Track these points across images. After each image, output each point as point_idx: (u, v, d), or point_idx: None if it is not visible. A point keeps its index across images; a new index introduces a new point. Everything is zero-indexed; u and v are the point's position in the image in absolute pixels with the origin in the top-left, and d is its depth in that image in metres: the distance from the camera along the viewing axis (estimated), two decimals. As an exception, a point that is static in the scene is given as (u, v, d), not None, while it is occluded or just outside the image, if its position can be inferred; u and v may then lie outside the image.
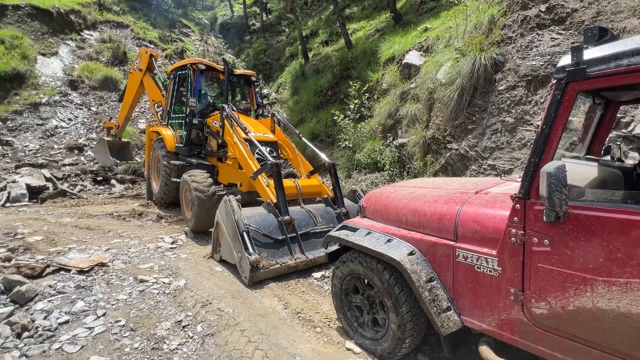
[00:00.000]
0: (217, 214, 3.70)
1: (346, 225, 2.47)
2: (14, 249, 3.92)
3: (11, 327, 2.24)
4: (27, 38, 13.05)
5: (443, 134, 5.66)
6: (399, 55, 8.65)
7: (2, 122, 10.52)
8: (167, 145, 6.11)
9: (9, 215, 5.83)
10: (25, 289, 2.68)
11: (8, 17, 13.41)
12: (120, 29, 18.43)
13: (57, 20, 15.19)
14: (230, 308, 2.75)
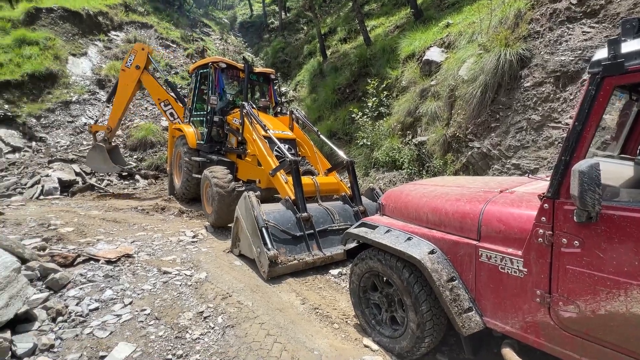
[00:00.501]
0: (237, 210, 3.78)
1: (365, 223, 2.47)
2: (48, 239, 4.15)
3: (47, 311, 2.38)
4: (59, 39, 13.70)
5: (464, 132, 5.52)
6: (419, 51, 8.50)
7: (37, 119, 11.11)
8: (189, 142, 6.27)
9: (43, 207, 6.17)
10: (59, 276, 2.83)
11: (42, 19, 14.12)
12: (145, 29, 19.01)
13: (86, 22, 15.86)
14: (250, 301, 2.81)
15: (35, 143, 10.70)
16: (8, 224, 4.67)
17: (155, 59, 16.81)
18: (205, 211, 5.24)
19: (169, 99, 7.63)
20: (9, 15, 13.36)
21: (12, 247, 3.11)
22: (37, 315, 2.27)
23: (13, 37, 12.06)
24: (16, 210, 5.78)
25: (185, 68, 17.31)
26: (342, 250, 3.68)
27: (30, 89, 11.41)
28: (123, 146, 11.29)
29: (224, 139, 6.19)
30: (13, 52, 11.66)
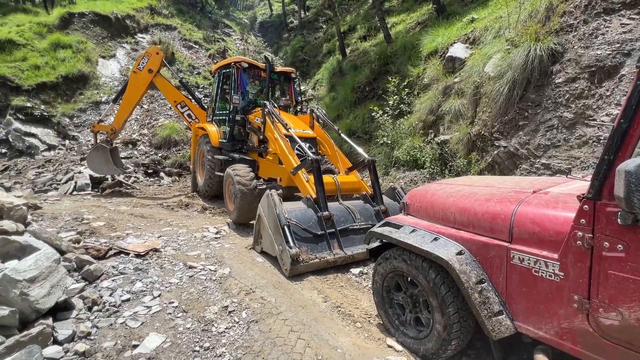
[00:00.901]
0: (259, 207, 3.83)
1: (389, 222, 2.44)
2: (82, 232, 4.37)
3: (83, 300, 2.51)
4: (90, 42, 14.36)
5: (490, 130, 5.35)
6: (442, 48, 8.30)
7: (70, 119, 11.71)
8: (212, 141, 6.42)
9: (76, 202, 6.50)
10: (93, 268, 2.98)
11: (75, 24, 14.85)
12: (169, 31, 19.60)
13: (115, 25, 16.53)
14: (273, 297, 2.85)
15: (69, 141, 11.28)
16: (46, 217, 4.95)
17: (178, 60, 17.31)
18: (227, 208, 5.35)
19: (184, 101, 7.69)
20: (45, 21, 14.13)
21: (50, 239, 3.30)
22: (74, 304, 2.40)
23: (49, 41, 12.75)
24: (52, 204, 6.12)
25: (207, 68, 17.73)
26: (364, 249, 3.69)
27: (64, 90, 12.03)
28: (149, 144, 11.72)
29: (246, 137, 6.29)
30: (49, 55, 12.33)
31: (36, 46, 12.48)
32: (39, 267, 2.17)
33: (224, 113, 6.67)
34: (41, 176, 8.60)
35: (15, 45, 12.00)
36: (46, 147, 10.69)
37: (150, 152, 11.41)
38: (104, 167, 7.34)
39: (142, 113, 13.22)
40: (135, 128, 12.44)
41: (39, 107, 11.17)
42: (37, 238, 3.24)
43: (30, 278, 2.07)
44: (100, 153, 7.33)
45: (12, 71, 11.13)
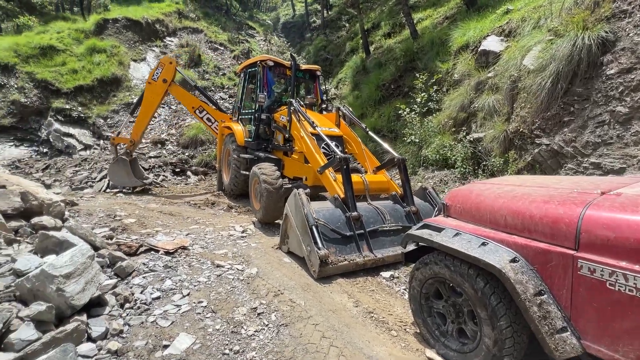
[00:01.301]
0: (286, 207, 3.76)
1: (428, 224, 2.27)
2: (115, 229, 4.48)
3: (116, 297, 2.52)
4: (123, 47, 14.99)
5: (530, 127, 4.99)
6: (474, 42, 7.91)
7: (104, 119, 12.26)
8: (237, 140, 6.43)
9: (109, 200, 6.73)
10: (125, 264, 3.01)
11: (109, 29, 15.55)
12: (196, 34, 20.13)
13: (145, 29, 17.18)
14: (302, 300, 2.75)
15: (102, 141, 11.81)
16: (82, 213, 5.14)
17: (204, 62, 17.72)
18: (253, 207, 5.31)
19: (202, 105, 7.71)
20: (82, 27, 14.90)
21: (86, 235, 3.38)
22: (107, 301, 2.41)
23: (85, 46, 13.42)
24: (88, 201, 6.37)
25: (232, 69, 18.05)
26: (395, 252, 3.51)
27: (99, 92, 12.62)
28: (176, 144, 12.05)
29: (271, 136, 6.26)
30: (85, 59, 12.98)
31: (74, 51, 13.17)
32: (74, 263, 2.18)
33: (249, 112, 6.67)
34: (78, 174, 9.04)
35: (56, 50, 12.71)
36: (82, 147, 11.24)
37: (177, 152, 11.72)
38: (126, 179, 7.42)
39: (170, 113, 13.64)
40: (163, 128, 12.83)
41: (77, 109, 11.78)
42: (73, 234, 3.32)
43: (66, 274, 2.08)
44: (121, 166, 7.45)
45: (53, 75, 11.80)
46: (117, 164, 7.52)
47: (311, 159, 4.54)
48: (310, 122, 4.75)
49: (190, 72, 15.76)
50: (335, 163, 3.98)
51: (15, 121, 10.89)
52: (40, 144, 11.08)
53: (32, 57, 12.11)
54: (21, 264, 2.45)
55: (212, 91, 15.68)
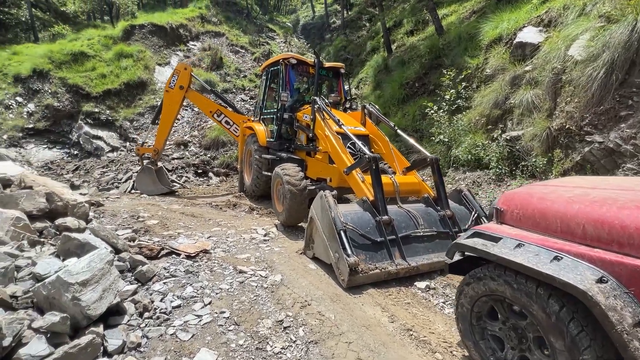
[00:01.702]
0: (312, 210, 3.53)
1: (481, 233, 1.97)
2: (137, 230, 4.42)
3: (135, 305, 2.38)
4: (148, 51, 15.39)
5: (579, 123, 4.52)
6: (508, 34, 7.41)
7: (130, 122, 12.59)
8: (259, 140, 6.29)
9: (134, 201, 6.78)
10: (146, 269, 2.89)
11: (135, 35, 16.03)
12: (217, 37, 20.45)
13: (170, 34, 17.60)
14: (331, 313, 2.51)
15: (129, 143, 12.11)
16: (106, 214, 5.14)
17: (226, 64, 17.92)
18: (275, 209, 5.13)
19: (219, 109, 7.69)
20: (111, 34, 15.45)
21: (108, 237, 3.29)
22: (126, 309, 2.27)
23: (114, 51, 13.87)
24: (113, 202, 6.43)
25: (253, 71, 18.18)
26: (429, 260, 3.20)
27: (126, 95, 12.98)
28: (199, 145, 12.16)
29: (293, 136, 6.08)
30: (113, 64, 13.40)
31: (103, 57, 13.64)
32: (91, 269, 2.05)
33: (271, 112, 6.53)
34: (105, 175, 9.26)
35: (86, 56, 13.20)
36: (110, 149, 11.57)
37: (200, 153, 11.82)
38: (153, 188, 7.48)
39: (193, 115, 13.82)
40: (186, 130, 13.01)
41: (105, 112, 12.15)
42: (96, 235, 3.25)
43: (83, 281, 1.95)
44: (147, 175, 7.60)
45: (84, 80, 12.24)
46: (143, 173, 7.68)
47: (337, 158, 4.30)
48: (336, 120, 4.51)
49: (212, 74, 15.96)
50: (364, 163, 3.72)
51: (49, 125, 11.35)
52: (71, 146, 11.50)
53: (65, 63, 12.62)
54: (41, 267, 2.36)
55: (234, 93, 15.80)
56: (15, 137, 10.62)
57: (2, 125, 10.74)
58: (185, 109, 13.81)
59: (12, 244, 2.73)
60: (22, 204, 3.29)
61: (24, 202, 3.30)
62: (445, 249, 3.39)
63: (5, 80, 11.80)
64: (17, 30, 19.60)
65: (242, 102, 15.30)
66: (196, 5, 22.73)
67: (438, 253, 3.32)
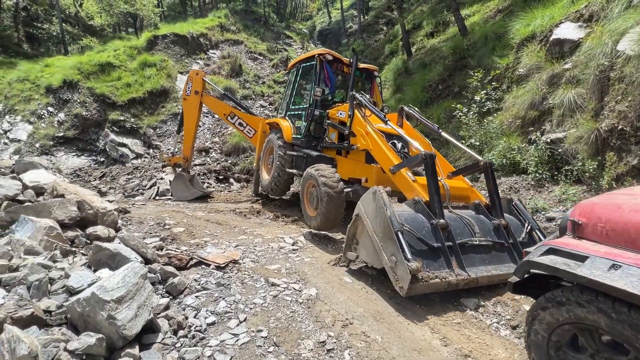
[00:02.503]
0: (359, 207, 3.23)
1: (558, 249, 1.71)
2: (164, 239, 4.35)
3: (169, 321, 2.25)
4: (170, 60, 15.76)
5: (634, 123, 4.13)
6: (542, 31, 7.03)
7: (153, 129, 12.84)
8: (285, 136, 6.11)
9: (158, 207, 6.80)
10: (177, 281, 2.77)
11: (158, 44, 16.46)
12: (236, 45, 20.77)
13: (190, 43, 18.01)
14: (377, 334, 2.29)
15: (152, 150, 12.34)
16: (133, 222, 5.13)
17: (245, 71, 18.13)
18: (306, 214, 4.82)
19: (233, 111, 7.69)
20: (136, 44, 15.94)
21: (137, 247, 3.21)
22: (160, 326, 2.14)
23: (138, 61, 14.27)
24: (139, 209, 6.46)
25: (271, 78, 18.30)
26: (488, 273, 2.91)
27: (149, 103, 13.28)
28: (220, 152, 12.24)
29: (323, 134, 5.90)
30: (138, 74, 13.77)
31: (128, 67, 14.05)
32: (126, 284, 1.93)
33: (299, 108, 6.34)
34: (130, 182, 9.41)
35: (112, 67, 13.63)
36: (134, 156, 11.81)
37: (221, 159, 11.89)
38: (187, 194, 7.66)
39: (214, 122, 13.97)
40: (207, 137, 13.15)
41: (130, 120, 12.45)
42: (126, 245, 3.18)
43: (118, 298, 1.83)
44: (180, 182, 7.77)
45: (110, 89, 12.62)
46: (176, 181, 7.89)
47: (380, 156, 4.06)
48: (382, 117, 4.31)
49: (232, 82, 16.16)
50: (417, 161, 3.48)
51: (77, 133, 11.73)
52: (97, 153, 11.83)
53: (93, 74, 13.07)
54: (74, 280, 2.28)
55: (253, 99, 15.92)
56: (46, 146, 11.02)
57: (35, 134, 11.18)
58: (205, 116, 13.98)
59: (45, 254, 2.68)
60: (54, 213, 3.26)
61: (56, 211, 3.28)
62: (501, 261, 3.11)
63: (38, 91, 12.32)
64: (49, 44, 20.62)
65: (262, 109, 15.37)
66: (215, 14, 23.26)
67: (495, 265, 3.03)
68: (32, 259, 2.58)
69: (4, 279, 2.24)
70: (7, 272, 2.35)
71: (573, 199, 4.66)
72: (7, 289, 2.19)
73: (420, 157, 3.36)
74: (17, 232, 2.94)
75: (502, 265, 3.02)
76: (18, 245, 2.73)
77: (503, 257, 3.11)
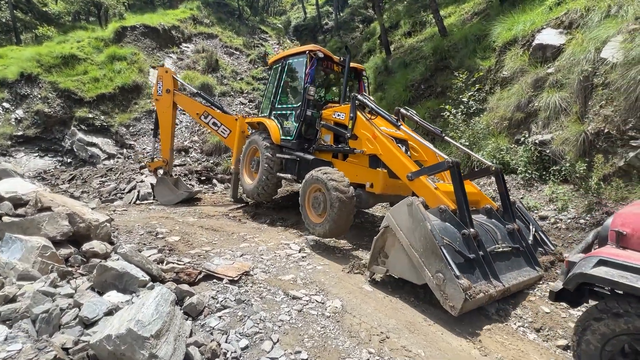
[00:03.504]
0: (390, 219, 3.07)
1: (610, 261, 1.75)
2: (162, 250, 4.06)
3: (199, 348, 2.07)
4: (142, 54, 14.80)
5: (620, 127, 4.42)
6: (524, 36, 7.35)
7: (126, 128, 12.01)
8: (273, 137, 5.72)
9: (143, 213, 6.36)
10: (196, 301, 2.57)
11: (127, 37, 15.41)
12: (210, 39, 19.95)
13: (162, 36, 17.02)
14: (418, 348, 2.26)
15: (126, 150, 11.55)
16: (121, 231, 4.74)
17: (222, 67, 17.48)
18: (309, 220, 4.56)
19: (207, 110, 7.29)
20: (102, 35, 14.78)
21: (142, 263, 2.96)
22: (192, 356, 1.95)
23: (106, 54, 13.25)
24: (121, 215, 6.00)
25: (249, 74, 17.78)
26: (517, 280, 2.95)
27: (121, 100, 12.39)
28: (200, 151, 11.72)
29: (315, 135, 5.59)
30: (106, 67, 12.79)
31: (95, 60, 13.01)
32: (161, 314, 1.74)
33: (287, 107, 5.97)
34: (105, 185, 8.74)
35: (77, 59, 12.55)
36: (106, 156, 10.99)
37: (202, 159, 11.38)
38: (173, 196, 7.32)
39: (191, 120, 13.32)
40: (186, 135, 12.54)
41: (99, 118, 11.55)
42: (129, 262, 2.91)
43: (157, 332, 1.64)
44: (164, 186, 7.45)
45: (76, 84, 11.61)
46: (159, 185, 7.55)
47: (395, 163, 3.91)
48: (394, 121, 4.22)
49: (209, 77, 15.50)
50: (443, 169, 3.41)
51: (40, 131, 10.70)
52: (64, 154, 10.87)
53: (55, 67, 11.96)
54: (88, 309, 2.03)
55: (232, 96, 15.39)
56: (3, 146, 9.95)
57: (-11, 133, 10.06)
58: (182, 113, 13.27)
59: (43, 279, 2.38)
60: (44, 229, 2.91)
61: (46, 227, 2.93)
62: (520, 266, 3.17)
63: (-11, 85, 11.07)
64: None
65: (242, 106, 14.90)
66: (187, 6, 22.15)
67: (517, 271, 3.08)
68: (29, 285, 2.28)
69: (2, 313, 1.95)
70: (3, 304, 2.05)
71: (563, 198, 4.93)
72: (9, 324, 1.91)
73: (446, 164, 3.30)
74: (3, 254, 2.58)
75: (523, 271, 3.11)
76: (8, 269, 2.40)
77: (521, 262, 3.20)
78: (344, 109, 5.01)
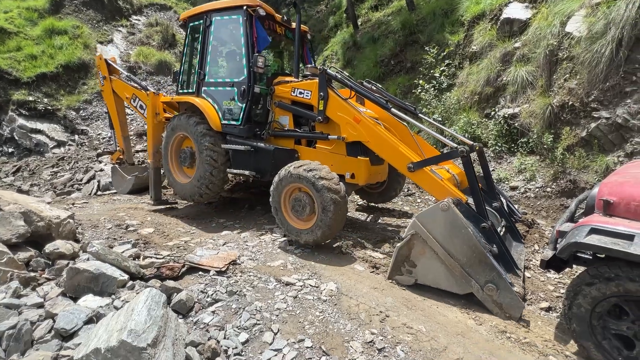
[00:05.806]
0: (417, 224, 2.73)
1: (602, 229, 1.84)
2: (136, 244, 3.77)
3: (196, 348, 1.93)
4: (86, 27, 13.21)
5: (584, 99, 4.67)
6: (492, 10, 7.44)
7: (76, 112, 10.85)
8: (211, 123, 4.50)
9: (107, 205, 5.86)
10: (185, 297, 2.41)
11: (66, 7, 13.62)
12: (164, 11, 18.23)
13: (107, 7, 15.25)
14: (419, 324, 2.30)
15: (78, 136, 10.49)
16: (86, 226, 4.33)
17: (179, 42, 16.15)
18: (289, 226, 3.70)
19: (135, 93, 6.54)
20: (35, 5, 12.88)
21: (118, 261, 2.72)
22: (191, 357, 1.82)
23: (42, 27, 11.64)
24: (82, 209, 5.48)
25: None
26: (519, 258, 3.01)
27: (66, 80, 11.08)
28: (164, 135, 10.94)
29: (266, 118, 4.65)
30: (45, 43, 11.27)
31: (29, 34, 11.39)
32: (154, 320, 1.58)
33: (224, 83, 4.67)
34: (58, 176, 7.93)
35: (7, 33, 10.91)
36: (55, 144, 9.92)
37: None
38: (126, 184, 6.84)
39: (151, 101, 12.34)
40: (146, 118, 11.59)
41: (42, 101, 10.29)
42: (103, 260, 2.66)
43: (153, 340, 1.48)
44: (117, 176, 6.99)
45: (8, 62, 10.16)
46: (113, 175, 7.07)
47: (391, 152, 3.44)
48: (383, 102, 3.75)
49: (165, 54, 14.30)
50: (457, 156, 3.11)
51: (-31, 119, 9.35)
52: (3, 142, 9.64)
53: (-21, 42, 10.33)
54: (64, 320, 1.81)
55: (194, 74, 14.38)
56: None
57: None
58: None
59: (3, 289, 2.07)
60: (-5, 232, 2.54)
61: (-3, 229, 2.55)
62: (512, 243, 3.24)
63: None
64: None
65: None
66: (134, -28, 19.89)
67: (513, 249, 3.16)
68: (-14, 298, 1.98)
69: (-43, 335, 1.68)
70: (-44, 323, 1.77)
71: (531, 168, 5.22)
72: (-33, 346, 1.64)
73: (459, 152, 3.03)
74: (-53, 264, 2.22)
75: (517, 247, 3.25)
76: (-45, 282, 2.07)
77: (512, 239, 3.35)
78: (308, 85, 4.15)
